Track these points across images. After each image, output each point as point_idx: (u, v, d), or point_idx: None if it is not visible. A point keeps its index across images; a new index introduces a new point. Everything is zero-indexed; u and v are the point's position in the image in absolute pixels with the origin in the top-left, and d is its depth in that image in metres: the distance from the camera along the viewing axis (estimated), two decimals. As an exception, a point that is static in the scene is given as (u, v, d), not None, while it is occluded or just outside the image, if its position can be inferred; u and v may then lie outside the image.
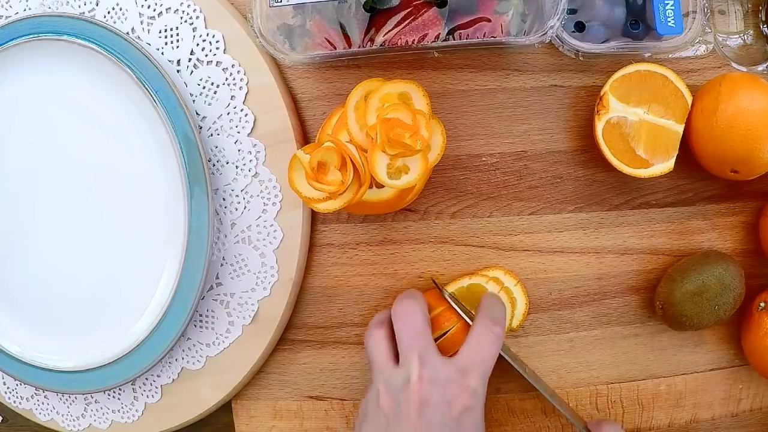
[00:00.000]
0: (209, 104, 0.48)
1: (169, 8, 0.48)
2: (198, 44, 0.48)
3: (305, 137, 0.50)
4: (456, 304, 0.47)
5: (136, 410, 0.53)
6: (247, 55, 0.48)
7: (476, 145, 0.50)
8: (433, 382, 0.40)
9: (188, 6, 0.48)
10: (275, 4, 0.43)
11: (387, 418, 0.41)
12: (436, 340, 0.46)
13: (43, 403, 0.55)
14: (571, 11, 0.46)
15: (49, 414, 0.55)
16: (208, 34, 0.48)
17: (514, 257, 0.50)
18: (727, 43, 0.49)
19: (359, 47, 0.44)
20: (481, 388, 0.42)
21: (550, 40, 0.44)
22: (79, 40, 0.47)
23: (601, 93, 0.46)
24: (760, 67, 0.48)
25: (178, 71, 0.48)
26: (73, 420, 0.55)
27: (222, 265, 0.50)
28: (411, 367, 0.41)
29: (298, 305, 0.51)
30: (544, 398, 0.45)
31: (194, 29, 0.48)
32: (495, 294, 0.47)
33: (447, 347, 0.46)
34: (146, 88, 0.46)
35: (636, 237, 0.51)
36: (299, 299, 0.51)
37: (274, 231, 0.49)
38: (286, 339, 0.52)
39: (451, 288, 0.49)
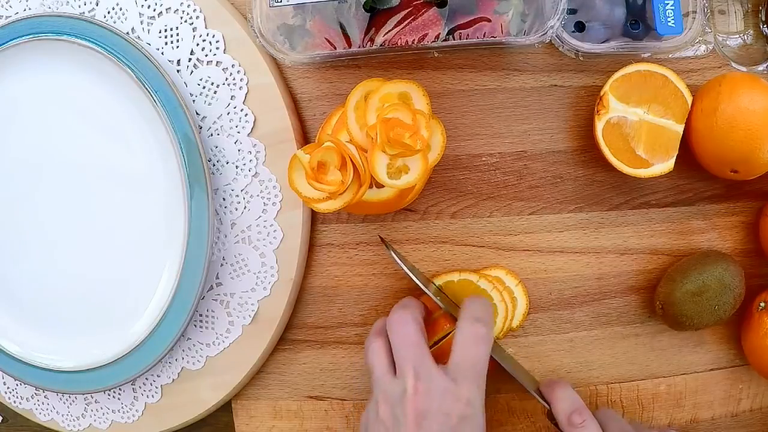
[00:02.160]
0: (209, 104, 0.48)
1: (169, 8, 0.48)
2: (198, 44, 0.48)
3: (305, 137, 0.50)
4: (443, 301, 0.46)
5: (136, 410, 0.53)
6: (247, 55, 0.48)
7: (476, 145, 0.50)
8: (428, 393, 0.40)
9: (188, 6, 0.48)
10: (275, 4, 0.43)
11: (387, 429, 0.41)
12: (435, 344, 0.46)
13: (43, 403, 0.55)
14: (571, 11, 0.46)
15: (49, 414, 0.55)
16: (208, 34, 0.48)
17: (514, 257, 0.50)
18: (727, 43, 0.49)
19: (359, 47, 0.44)
20: (477, 395, 0.41)
21: (550, 40, 0.44)
22: (79, 40, 0.47)
23: (601, 93, 0.46)
24: (760, 67, 0.48)
25: (178, 71, 0.48)
26: (73, 420, 0.55)
27: (222, 265, 0.50)
28: (406, 380, 0.41)
29: (298, 305, 0.51)
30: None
31: (194, 29, 0.48)
32: (477, 295, 0.46)
33: (446, 351, 0.46)
34: (146, 88, 0.46)
35: (636, 237, 0.51)
36: (299, 299, 0.51)
37: (274, 231, 0.49)
38: (286, 339, 0.52)
39: (439, 281, 0.49)
